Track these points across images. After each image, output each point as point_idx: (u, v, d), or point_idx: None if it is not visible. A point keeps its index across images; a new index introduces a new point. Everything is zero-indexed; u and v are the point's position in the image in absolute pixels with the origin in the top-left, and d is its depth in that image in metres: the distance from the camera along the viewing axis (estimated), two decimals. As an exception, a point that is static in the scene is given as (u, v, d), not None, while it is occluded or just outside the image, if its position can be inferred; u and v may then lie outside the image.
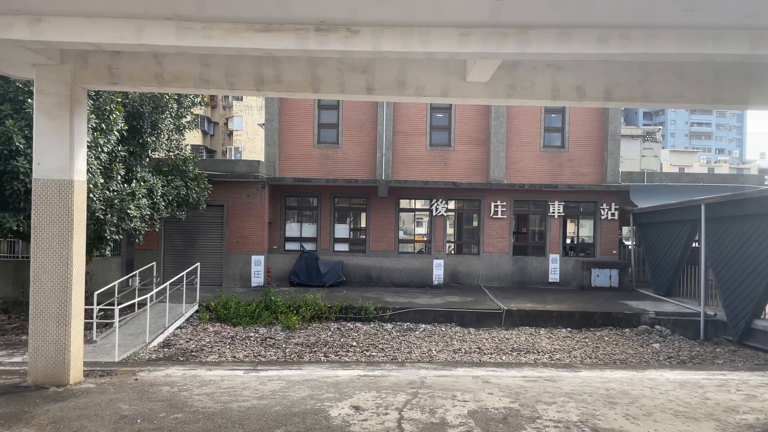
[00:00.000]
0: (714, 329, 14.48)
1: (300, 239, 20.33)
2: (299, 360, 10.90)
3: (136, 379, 6.57)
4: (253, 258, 18.22)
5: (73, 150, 6.31)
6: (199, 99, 15.04)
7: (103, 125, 10.91)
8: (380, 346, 12.23)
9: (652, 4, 4.04)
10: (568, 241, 21.22)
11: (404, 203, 20.62)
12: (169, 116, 13.51)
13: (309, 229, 20.42)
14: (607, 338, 13.56)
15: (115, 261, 17.16)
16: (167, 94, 12.97)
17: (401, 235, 20.70)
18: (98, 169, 10.89)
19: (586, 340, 13.30)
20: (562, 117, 20.35)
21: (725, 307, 13.96)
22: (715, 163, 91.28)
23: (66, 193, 6.31)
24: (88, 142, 10.53)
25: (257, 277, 18.20)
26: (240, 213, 18.30)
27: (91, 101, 11.04)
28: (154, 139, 13.41)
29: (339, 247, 20.41)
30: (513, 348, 12.25)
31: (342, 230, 20.60)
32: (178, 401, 5.68)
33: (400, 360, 11.10)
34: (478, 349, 12.08)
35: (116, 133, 11.25)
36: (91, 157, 10.63)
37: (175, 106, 13.48)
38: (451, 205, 20.48)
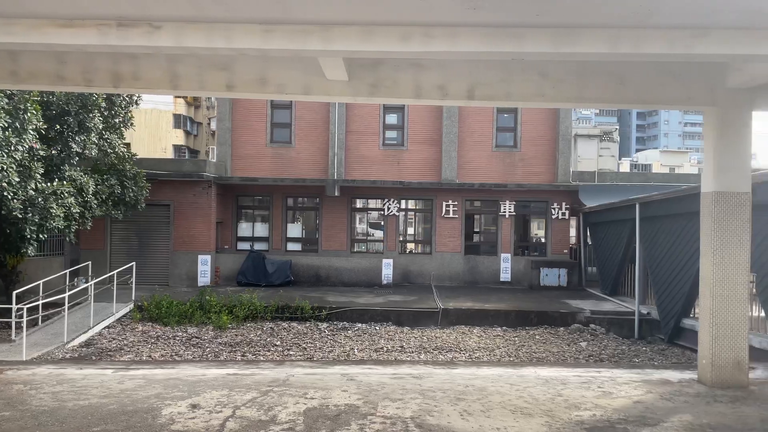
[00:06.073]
0: (649, 328, 14.55)
1: (252, 239, 20.30)
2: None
3: (-2, 378, 6.53)
4: (200, 258, 18.16)
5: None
6: (136, 98, 14.97)
7: (16, 124, 10.83)
8: (303, 345, 12.22)
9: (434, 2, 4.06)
10: (520, 240, 21.26)
11: (357, 203, 20.62)
12: (98, 115, 13.43)
13: (261, 229, 20.38)
14: (538, 337, 13.59)
15: (56, 260, 17.05)
16: (95, 94, 12.88)
17: (354, 234, 20.71)
18: (11, 167, 10.81)
19: (516, 338, 13.34)
20: (514, 117, 20.41)
21: (658, 305, 14.03)
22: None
23: None
24: (-3, 141, 10.46)
25: (204, 277, 18.15)
26: (186, 213, 18.24)
27: (7, 99, 10.98)
28: (83, 138, 13.33)
29: (291, 246, 20.40)
30: (436, 347, 12.27)
31: (294, 230, 20.59)
32: (18, 400, 5.65)
33: (310, 358, 11.04)
34: (400, 348, 12.09)
35: (31, 132, 11.17)
36: (3, 156, 10.57)
37: (104, 105, 13.41)
38: (404, 204, 20.50)
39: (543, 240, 20.74)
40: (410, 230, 21.20)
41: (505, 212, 20.17)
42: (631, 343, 13.51)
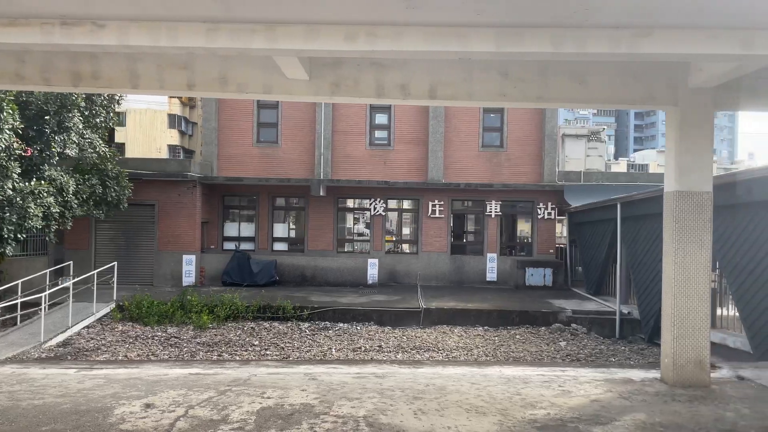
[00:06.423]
0: (630, 328, 14.57)
1: (238, 239, 20.28)
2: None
3: (-41, 378, 6.52)
4: (185, 258, 18.15)
5: None
6: (118, 97, 14.93)
7: (-8, 123, 10.82)
8: (282, 345, 12.23)
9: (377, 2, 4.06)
10: (507, 240, 21.28)
11: (343, 202, 20.62)
12: (78, 115, 13.41)
13: (247, 229, 20.38)
14: (518, 336, 13.61)
15: (40, 260, 17.03)
16: (74, 93, 12.86)
17: (340, 234, 20.70)
18: (-13, 167, 10.80)
19: (496, 338, 13.35)
20: (500, 117, 20.42)
21: (639, 305, 14.07)
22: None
23: None
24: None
25: (188, 277, 18.13)
26: (171, 212, 18.21)
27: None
28: (63, 137, 13.30)
29: (278, 246, 20.39)
30: (415, 346, 12.28)
31: (281, 229, 20.58)
32: (-27, 399, 5.64)
33: (285, 357, 11.05)
34: (378, 348, 12.09)
35: (7, 131, 11.14)
36: (-23, 155, 10.56)
37: (83, 104, 13.39)
38: (390, 204, 20.51)
39: (529, 240, 20.76)
40: (397, 230, 21.20)
41: (491, 212, 20.19)
42: (611, 343, 13.54)
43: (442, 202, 20.14)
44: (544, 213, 20.11)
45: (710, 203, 6.71)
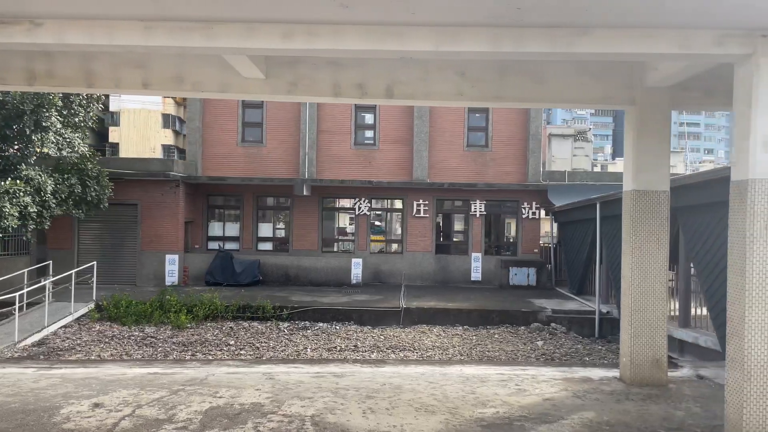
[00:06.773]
0: (610, 327, 14.57)
1: (223, 238, 20.27)
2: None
3: None
4: (168, 257, 18.12)
5: None
6: (96, 97, 14.90)
7: (-36, 123, 10.79)
8: (258, 344, 12.21)
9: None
10: (492, 240, 21.28)
11: (328, 202, 20.62)
12: (56, 114, 13.38)
13: (232, 228, 20.36)
14: (497, 336, 13.62)
15: (22, 260, 16.98)
16: (51, 93, 12.83)
17: (325, 234, 20.69)
18: (-41, 166, 10.77)
19: (474, 337, 13.35)
20: (485, 116, 20.42)
21: (618, 304, 14.08)
22: (699, 163, 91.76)
23: None
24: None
25: (171, 277, 18.11)
26: (153, 212, 18.18)
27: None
28: (41, 137, 13.27)
29: (262, 246, 20.37)
30: (391, 345, 12.28)
31: (265, 229, 20.57)
32: None
33: (260, 357, 11.01)
34: (354, 348, 12.09)
35: (-20, 130, 11.13)
36: (-51, 155, 10.53)
37: (60, 103, 13.36)
38: (375, 204, 20.51)
39: (513, 239, 20.78)
40: (381, 230, 21.20)
41: (475, 212, 20.20)
42: (589, 342, 13.55)
43: (426, 202, 20.14)
44: (528, 213, 20.12)
45: (667, 202, 6.73)
